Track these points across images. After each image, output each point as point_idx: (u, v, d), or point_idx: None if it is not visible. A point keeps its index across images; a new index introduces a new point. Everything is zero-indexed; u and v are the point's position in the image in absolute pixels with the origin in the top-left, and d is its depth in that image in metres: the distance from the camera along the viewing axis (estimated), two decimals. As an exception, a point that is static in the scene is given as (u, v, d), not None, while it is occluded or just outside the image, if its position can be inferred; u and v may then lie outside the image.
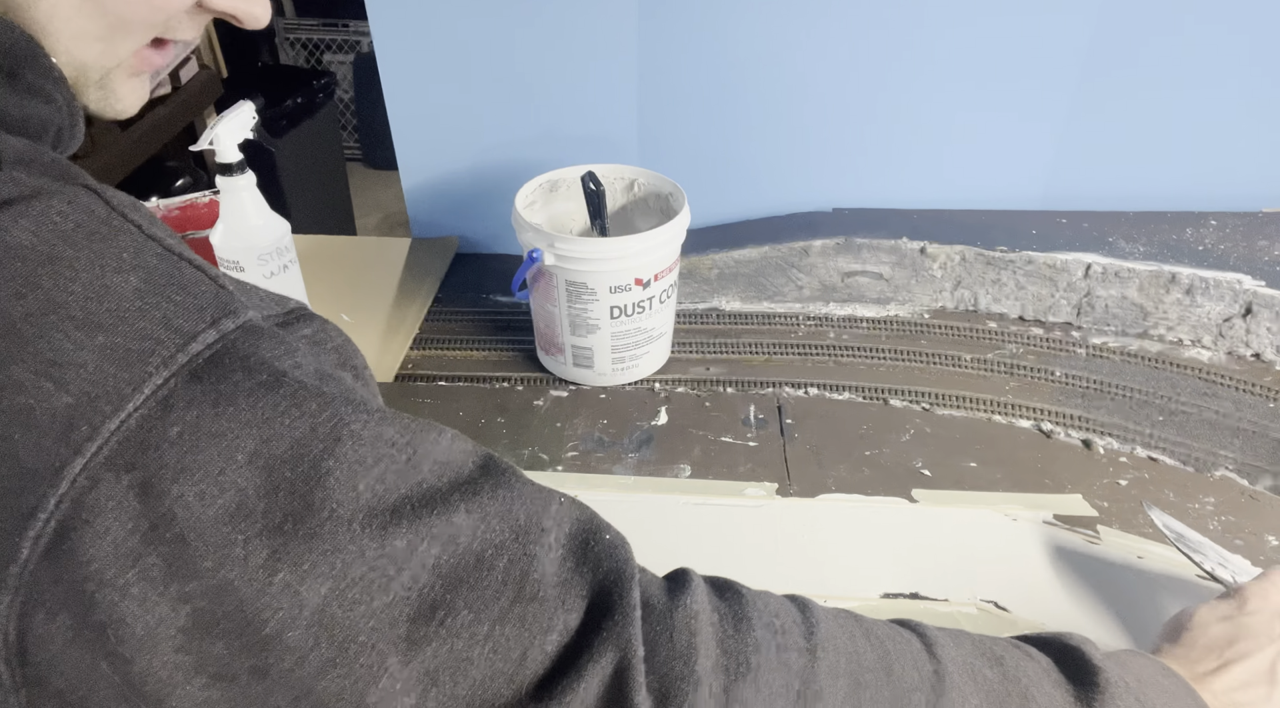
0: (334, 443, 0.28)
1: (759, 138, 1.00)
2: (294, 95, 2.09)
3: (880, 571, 0.64)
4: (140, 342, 0.27)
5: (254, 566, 0.27)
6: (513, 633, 0.30)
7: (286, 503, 0.27)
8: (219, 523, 0.27)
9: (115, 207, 0.30)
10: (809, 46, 0.93)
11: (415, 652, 0.28)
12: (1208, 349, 0.89)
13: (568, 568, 0.32)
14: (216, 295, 0.30)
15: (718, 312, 0.96)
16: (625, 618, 0.32)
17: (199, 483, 0.26)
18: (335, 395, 0.30)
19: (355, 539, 0.28)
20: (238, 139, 0.80)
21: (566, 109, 0.98)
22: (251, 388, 0.28)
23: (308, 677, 0.27)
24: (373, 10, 0.93)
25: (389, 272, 1.02)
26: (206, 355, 0.28)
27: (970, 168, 1.02)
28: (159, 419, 0.26)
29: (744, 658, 0.34)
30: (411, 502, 0.29)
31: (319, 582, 0.27)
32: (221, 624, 0.27)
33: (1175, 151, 0.99)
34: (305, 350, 0.31)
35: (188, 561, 0.26)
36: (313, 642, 0.27)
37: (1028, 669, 0.40)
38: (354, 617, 0.28)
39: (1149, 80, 0.94)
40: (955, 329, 0.93)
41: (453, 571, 0.29)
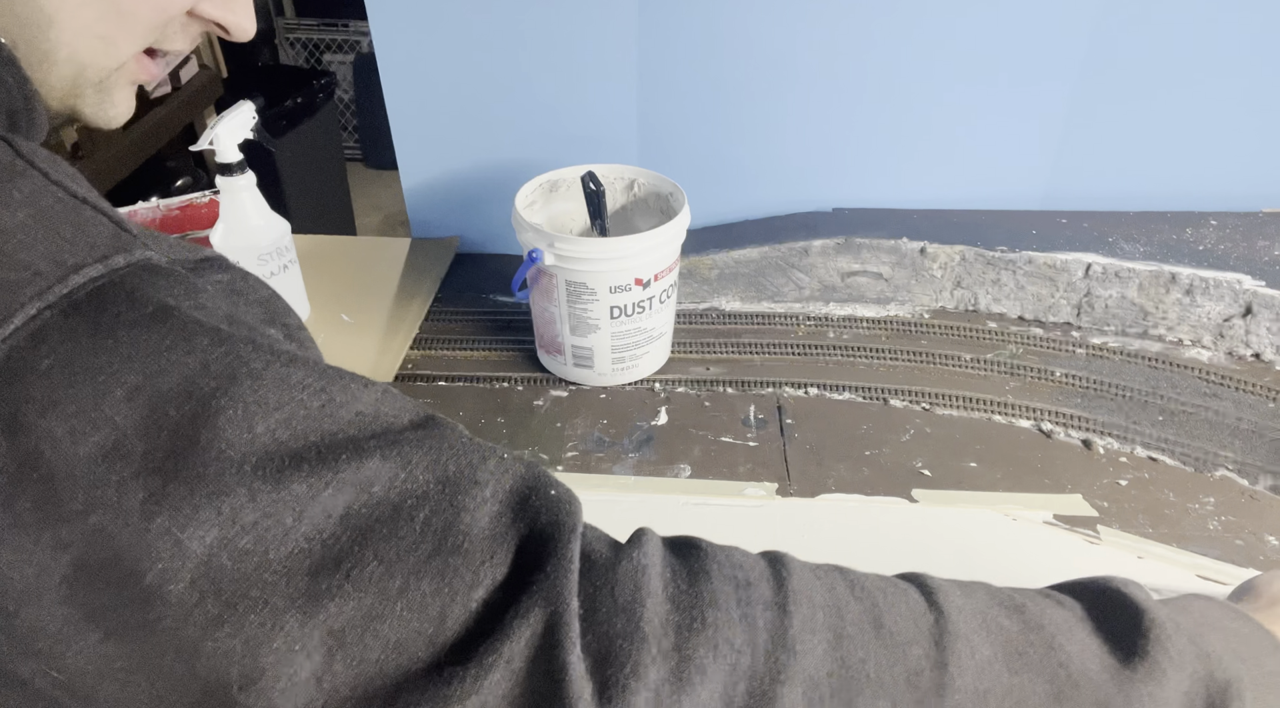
0: (229, 382, 0.26)
1: (760, 138, 1.00)
2: (294, 95, 2.10)
3: (880, 571, 0.64)
4: (16, 272, 0.25)
5: (128, 508, 0.25)
6: (430, 588, 0.27)
7: (169, 442, 0.25)
8: (91, 462, 0.25)
9: (22, 153, 0.29)
10: (809, 47, 0.93)
11: (316, 608, 0.26)
12: (1208, 349, 0.89)
13: (503, 522, 0.29)
14: (115, 236, 0.28)
15: (718, 312, 0.96)
16: (559, 571, 0.28)
17: (70, 418, 0.25)
18: (235, 335, 0.28)
19: (245, 481, 0.26)
20: (238, 139, 0.80)
21: (566, 109, 0.98)
22: (135, 320, 0.26)
23: (194, 635, 0.25)
24: (373, 10, 0.93)
25: (389, 272, 1.02)
26: (88, 289, 0.26)
27: (970, 168, 1.02)
28: (29, 351, 0.25)
29: (699, 613, 0.30)
30: (319, 448, 0.27)
31: (203, 529, 0.25)
32: (102, 574, 0.25)
33: (1175, 151, 0.99)
34: (215, 294, 0.29)
35: (58, 502, 0.24)
36: (197, 596, 0.25)
37: (1054, 617, 0.35)
38: (244, 569, 0.25)
39: (1149, 80, 0.94)
40: (955, 329, 0.93)
41: (363, 520, 0.27)
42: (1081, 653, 0.34)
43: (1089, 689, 0.33)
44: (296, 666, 0.26)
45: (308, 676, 0.26)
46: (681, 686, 0.28)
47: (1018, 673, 0.33)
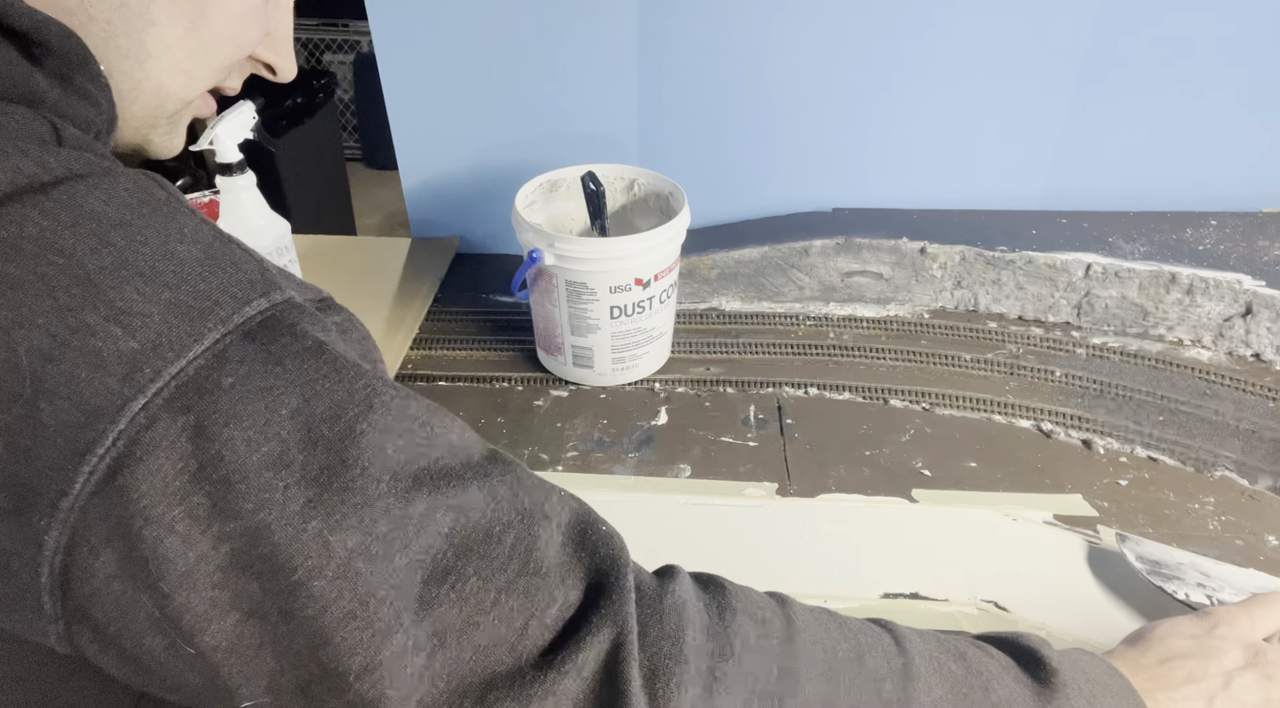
0: (368, 409, 0.31)
1: (759, 137, 1.00)
2: (294, 95, 2.09)
3: (880, 571, 0.64)
4: (201, 301, 0.29)
5: (290, 511, 0.28)
6: (517, 603, 0.32)
7: (324, 457, 0.29)
8: (262, 469, 0.28)
9: (171, 192, 0.33)
10: (809, 47, 0.93)
11: (427, 612, 0.30)
12: (1208, 349, 0.89)
13: (568, 552, 0.34)
14: (264, 274, 0.32)
15: (718, 312, 0.96)
16: (622, 598, 0.33)
17: (247, 430, 0.28)
18: (368, 370, 0.32)
19: (383, 497, 0.30)
20: (238, 139, 0.80)
21: (566, 109, 0.98)
22: (298, 351, 0.30)
23: (329, 626, 0.29)
24: (373, 10, 0.93)
25: (389, 272, 1.02)
26: (258, 320, 0.30)
27: (970, 168, 1.02)
28: (215, 369, 0.29)
29: (728, 643, 0.36)
30: (430, 473, 0.31)
31: (348, 534, 0.29)
32: (256, 566, 0.28)
33: (1175, 151, 0.99)
34: (336, 333, 0.34)
35: (231, 501, 0.28)
36: (336, 593, 0.29)
37: (988, 665, 0.42)
38: (375, 572, 0.29)
39: (1149, 80, 0.94)
40: (955, 329, 0.93)
41: (464, 540, 0.31)
42: (1008, 697, 0.41)
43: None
44: (407, 660, 0.29)
45: (414, 670, 0.30)
46: (712, 700, 0.34)
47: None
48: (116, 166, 0.32)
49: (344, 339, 0.34)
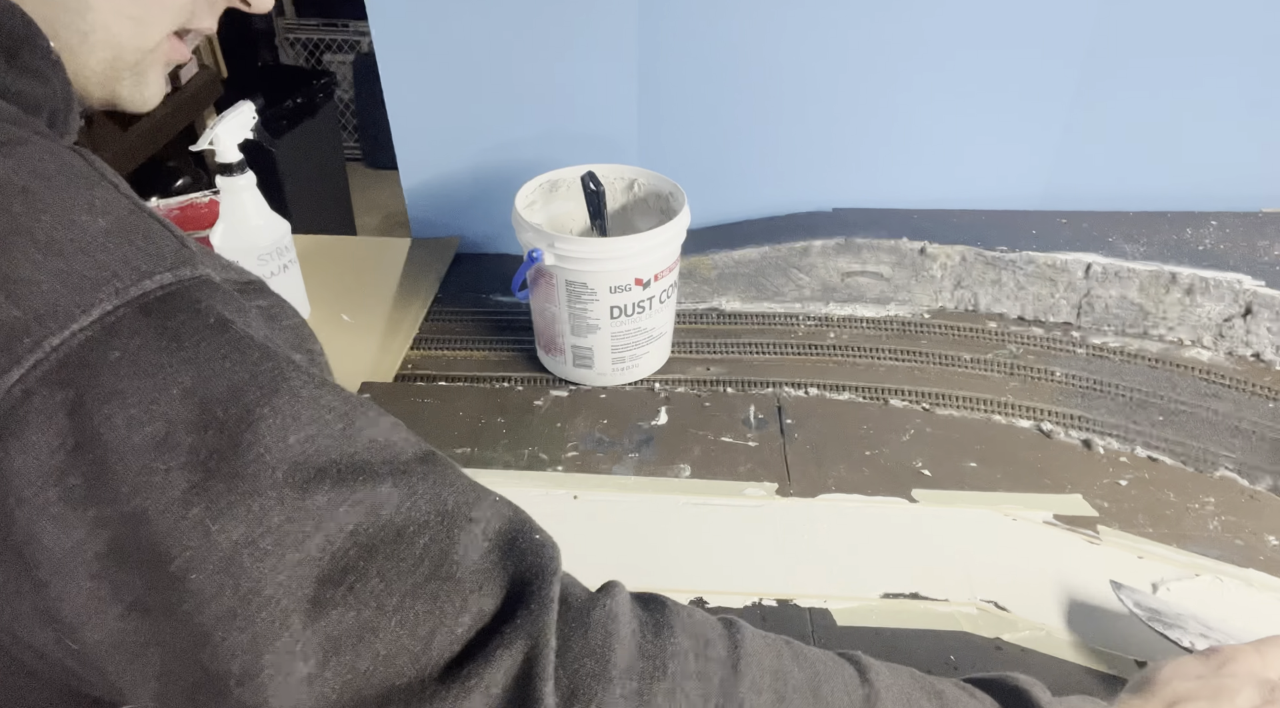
0: (271, 393, 0.29)
1: (759, 138, 1.00)
2: (294, 95, 2.09)
3: (880, 571, 0.64)
4: (97, 271, 0.28)
5: (170, 497, 0.27)
6: (423, 609, 0.29)
7: (214, 441, 0.27)
8: (143, 451, 0.27)
9: (94, 166, 0.31)
10: (810, 47, 0.93)
11: (320, 615, 0.28)
12: (1208, 349, 0.89)
13: (491, 559, 0.32)
14: (178, 250, 0.30)
15: (718, 312, 0.96)
16: (541, 609, 0.31)
17: (129, 408, 0.27)
18: (279, 354, 0.30)
19: (276, 486, 0.28)
20: (238, 139, 0.80)
21: (566, 109, 0.98)
22: (197, 328, 0.28)
23: (207, 623, 0.27)
24: (373, 10, 0.93)
25: (389, 272, 1.02)
26: (159, 294, 0.28)
27: (970, 168, 1.02)
28: (101, 343, 0.27)
29: (661, 663, 0.33)
30: (339, 467, 0.29)
31: (233, 524, 0.27)
32: (135, 555, 0.27)
33: (1175, 151, 0.99)
34: (257, 317, 0.32)
35: (107, 484, 0.26)
36: (216, 588, 0.27)
37: (968, 705, 0.39)
38: (262, 569, 0.27)
39: (1149, 80, 0.94)
40: (955, 329, 0.93)
41: (370, 539, 0.29)
42: None
43: None
44: (293, 667, 0.27)
45: (301, 678, 0.27)
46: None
47: None
48: (37, 138, 0.31)
49: (270, 324, 0.32)
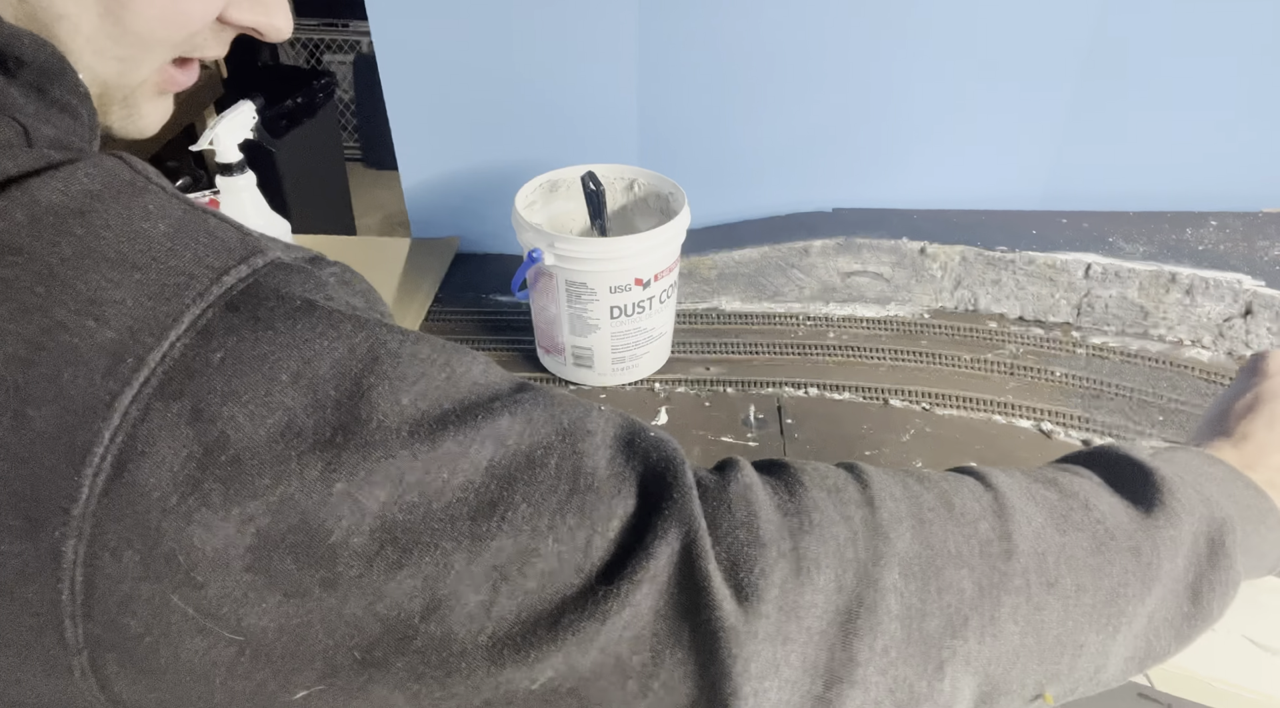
0: (372, 361, 0.29)
1: (759, 138, 1.00)
2: (294, 95, 2.09)
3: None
4: (175, 277, 0.28)
5: (310, 478, 0.27)
6: (574, 522, 0.30)
7: (334, 418, 0.28)
8: (271, 441, 0.27)
9: (139, 170, 0.31)
10: (810, 47, 0.93)
11: (480, 548, 0.29)
12: (1208, 349, 0.89)
13: (619, 462, 0.33)
14: (243, 239, 0.31)
15: (718, 312, 0.96)
16: (685, 496, 0.32)
17: (247, 405, 0.27)
18: (368, 319, 0.31)
19: (406, 445, 0.29)
20: (238, 139, 0.80)
21: (566, 109, 0.98)
22: (287, 313, 0.29)
23: (377, 580, 0.28)
24: (373, 10, 0.93)
25: (389, 272, 1.02)
26: (240, 288, 0.29)
27: (970, 168, 1.02)
28: (201, 347, 0.27)
29: (805, 518, 0.34)
30: (456, 412, 0.30)
31: (377, 488, 0.28)
32: (287, 540, 0.27)
33: (1175, 151, 0.99)
34: (335, 286, 0.32)
35: (246, 480, 0.27)
36: (377, 546, 0.28)
37: (1082, 485, 0.41)
38: (414, 519, 0.28)
39: (1149, 80, 0.94)
40: (955, 329, 0.93)
41: (505, 470, 0.30)
42: (1112, 511, 0.39)
43: (1123, 538, 0.38)
44: (468, 596, 0.29)
45: (476, 605, 0.29)
46: (802, 579, 0.32)
47: (1065, 533, 0.38)
48: (79, 156, 0.31)
49: (346, 289, 0.33)
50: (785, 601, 0.32)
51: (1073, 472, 0.42)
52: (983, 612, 0.35)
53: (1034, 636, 0.36)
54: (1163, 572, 0.39)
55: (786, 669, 0.31)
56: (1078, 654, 0.37)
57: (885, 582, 0.34)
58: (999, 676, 0.35)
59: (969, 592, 0.35)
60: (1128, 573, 0.38)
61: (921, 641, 0.34)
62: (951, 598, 0.35)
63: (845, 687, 0.32)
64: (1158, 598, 0.39)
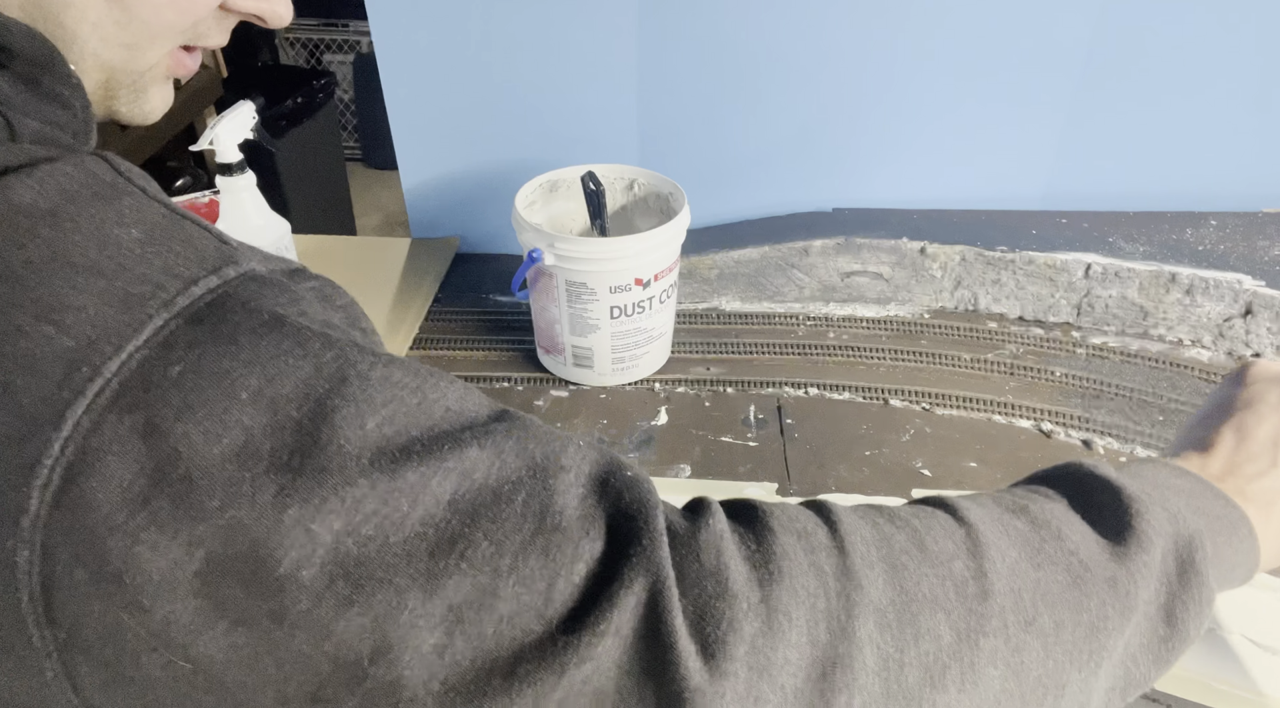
0: (340, 383, 0.28)
1: (759, 138, 1.00)
2: (294, 95, 2.10)
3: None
4: (141, 285, 0.27)
5: (262, 503, 0.26)
6: (537, 564, 0.29)
7: (293, 440, 0.27)
8: (225, 461, 0.26)
9: (121, 171, 0.31)
10: (810, 47, 0.93)
11: (436, 586, 0.28)
12: (1208, 349, 0.89)
13: (589, 503, 0.31)
14: (219, 249, 0.30)
15: (718, 312, 0.96)
16: (653, 544, 0.31)
17: (203, 422, 0.26)
18: (340, 339, 0.30)
19: (365, 473, 0.27)
20: (238, 139, 0.80)
21: (566, 109, 0.98)
22: (253, 328, 0.28)
23: (326, 617, 0.27)
24: (373, 10, 0.93)
25: (389, 272, 1.02)
26: (208, 299, 0.28)
27: (970, 168, 1.02)
28: (160, 360, 0.26)
29: (775, 567, 0.33)
30: (422, 441, 0.29)
31: (331, 518, 0.27)
32: (235, 566, 0.26)
33: (1175, 151, 0.99)
34: (312, 300, 0.31)
35: (195, 501, 0.26)
36: (328, 580, 0.27)
37: (1052, 511, 0.39)
38: (368, 552, 0.27)
39: (1149, 80, 0.94)
40: (955, 329, 0.93)
41: (469, 505, 0.29)
42: (1084, 540, 0.38)
43: (1098, 570, 0.37)
44: (420, 639, 0.27)
45: (430, 648, 0.27)
46: (773, 633, 0.31)
47: (1040, 567, 0.37)
48: (60, 155, 0.30)
49: (325, 305, 0.32)
50: (755, 658, 0.30)
51: (1042, 496, 0.41)
52: (962, 659, 0.34)
53: (1014, 680, 0.35)
54: (1139, 600, 0.37)
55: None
56: (1060, 695, 0.36)
57: (861, 634, 0.32)
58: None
59: (946, 638, 0.34)
60: (1106, 606, 0.36)
61: (901, 695, 0.32)
62: (929, 646, 0.33)
63: None
64: (1133, 626, 0.38)
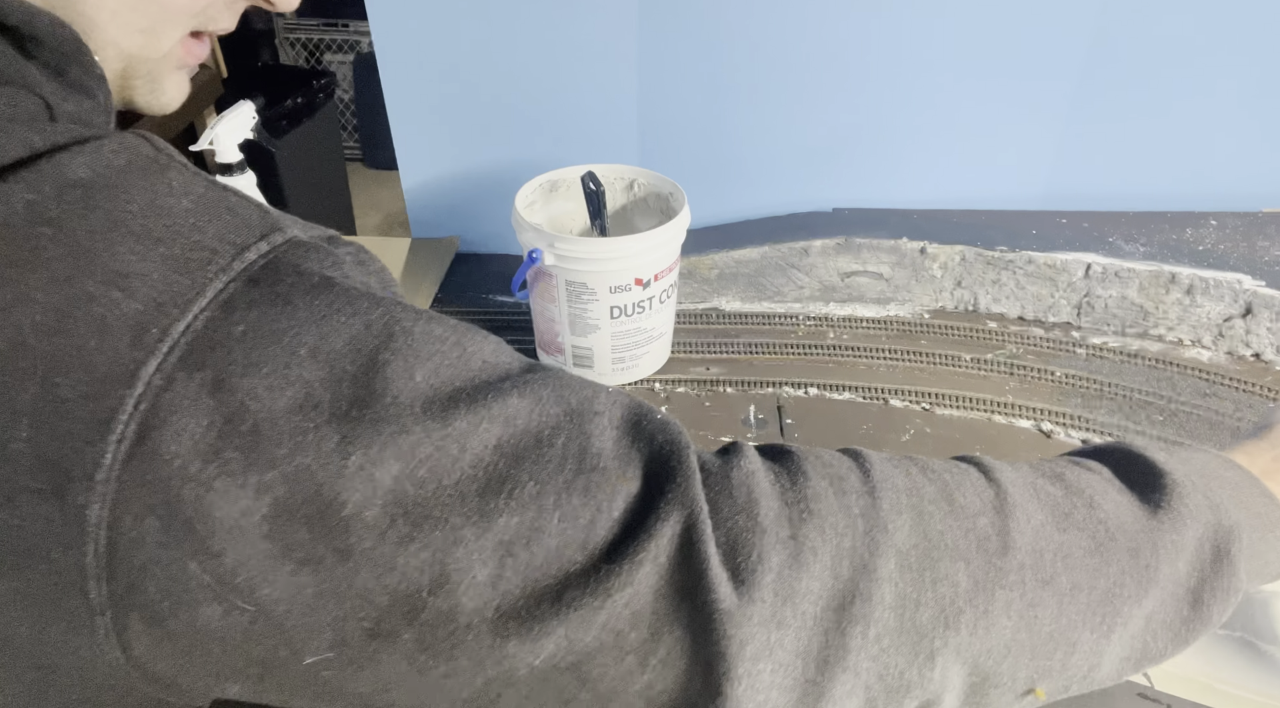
0: (388, 338, 0.30)
1: (759, 138, 1.00)
2: (294, 95, 2.09)
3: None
4: (198, 252, 0.29)
5: (326, 451, 0.28)
6: (579, 501, 0.31)
7: (350, 392, 0.29)
8: (289, 413, 0.28)
9: (161, 148, 0.32)
10: (810, 47, 0.93)
11: (487, 523, 0.30)
12: (1208, 349, 0.89)
13: (624, 444, 0.33)
14: (263, 217, 0.32)
15: (718, 312, 0.96)
16: (687, 480, 0.33)
17: (267, 377, 0.28)
18: (384, 297, 0.32)
19: (419, 421, 0.29)
20: (238, 139, 0.80)
21: (566, 109, 0.98)
22: (305, 289, 0.30)
23: (388, 553, 0.28)
24: (373, 10, 0.93)
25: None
26: (260, 264, 0.30)
27: (970, 168, 1.02)
28: (223, 320, 0.28)
29: (805, 506, 0.35)
30: (467, 390, 0.31)
31: (390, 463, 0.29)
32: (302, 510, 0.28)
33: (1175, 151, 0.99)
34: (351, 264, 0.33)
35: (264, 450, 0.28)
36: (389, 520, 0.28)
37: (1089, 481, 0.41)
38: (424, 494, 0.29)
39: (1149, 80, 0.94)
40: (955, 329, 0.93)
41: (514, 449, 0.31)
42: (1115, 510, 0.39)
43: (1123, 540, 0.38)
44: (475, 571, 0.29)
45: (484, 579, 0.29)
46: (799, 566, 0.33)
47: (1065, 531, 0.38)
48: (105, 132, 0.32)
49: (361, 269, 0.34)
50: (781, 586, 0.32)
51: (1083, 467, 0.42)
52: (976, 605, 0.35)
53: (1026, 631, 0.36)
54: (1161, 575, 0.39)
55: (780, 652, 0.32)
56: (1070, 652, 0.37)
57: (881, 572, 0.34)
58: (990, 668, 0.36)
59: (964, 585, 0.35)
60: (1124, 574, 0.38)
61: (914, 630, 0.34)
62: (946, 590, 0.35)
63: (837, 671, 0.33)
64: (1156, 600, 0.39)
